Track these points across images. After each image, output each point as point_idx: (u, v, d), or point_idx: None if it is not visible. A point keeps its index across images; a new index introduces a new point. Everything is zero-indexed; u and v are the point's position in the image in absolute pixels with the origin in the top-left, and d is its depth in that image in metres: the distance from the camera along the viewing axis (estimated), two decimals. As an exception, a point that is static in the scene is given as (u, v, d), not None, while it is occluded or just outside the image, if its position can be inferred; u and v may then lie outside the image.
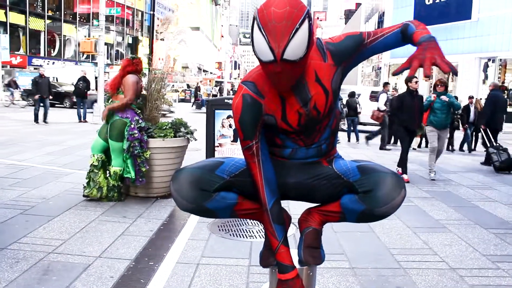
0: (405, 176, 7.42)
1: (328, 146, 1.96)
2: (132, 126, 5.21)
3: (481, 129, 10.46)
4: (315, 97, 1.80)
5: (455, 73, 1.60)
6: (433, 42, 1.61)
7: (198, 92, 31.03)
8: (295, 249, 2.02)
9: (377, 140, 13.86)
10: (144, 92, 5.69)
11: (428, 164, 7.98)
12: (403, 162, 7.63)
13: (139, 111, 5.47)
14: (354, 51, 1.82)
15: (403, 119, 7.69)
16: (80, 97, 16.05)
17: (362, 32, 1.84)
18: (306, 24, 1.57)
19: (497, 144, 9.50)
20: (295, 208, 2.28)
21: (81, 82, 15.98)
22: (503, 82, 23.69)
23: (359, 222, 1.90)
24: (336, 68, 1.81)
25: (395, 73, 1.69)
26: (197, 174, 1.84)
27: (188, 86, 29.66)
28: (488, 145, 9.81)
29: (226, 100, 6.26)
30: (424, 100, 7.91)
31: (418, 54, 1.59)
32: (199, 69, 54.49)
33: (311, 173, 1.94)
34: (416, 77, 7.72)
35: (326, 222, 2.01)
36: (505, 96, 13.05)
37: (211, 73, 65.69)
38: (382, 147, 12.30)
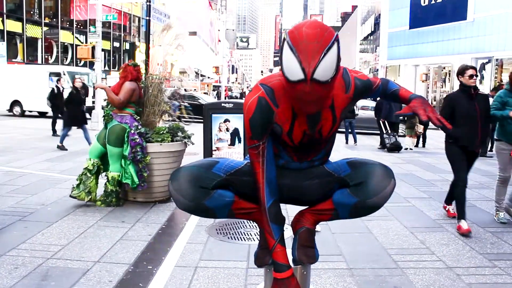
0: (463, 226, 4.67)
1: (321, 163, 2.04)
2: (132, 131, 5.23)
3: (380, 121, 12.17)
4: (323, 122, 1.86)
5: (446, 129, 2.00)
6: (426, 100, 1.95)
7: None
8: (290, 249, 2.04)
9: (372, 141, 13.88)
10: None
11: (495, 199, 5.30)
12: (456, 197, 4.93)
13: (138, 117, 5.49)
14: (367, 93, 1.98)
15: (457, 134, 4.75)
16: (77, 103, 16.01)
17: (372, 80, 2.00)
18: (335, 47, 1.61)
19: (390, 132, 11.86)
20: (293, 211, 2.31)
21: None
22: (500, 81, 23.72)
23: (352, 217, 1.95)
24: (351, 101, 1.90)
25: (397, 115, 1.84)
26: (195, 172, 1.87)
27: (186, 91, 29.53)
28: (384, 132, 12.04)
29: (223, 104, 6.30)
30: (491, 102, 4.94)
31: (419, 105, 1.90)
32: (197, 73, 54.48)
33: (304, 174, 1.99)
34: (473, 67, 4.80)
35: (319, 221, 2.04)
36: None
37: (208, 77, 65.66)
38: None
